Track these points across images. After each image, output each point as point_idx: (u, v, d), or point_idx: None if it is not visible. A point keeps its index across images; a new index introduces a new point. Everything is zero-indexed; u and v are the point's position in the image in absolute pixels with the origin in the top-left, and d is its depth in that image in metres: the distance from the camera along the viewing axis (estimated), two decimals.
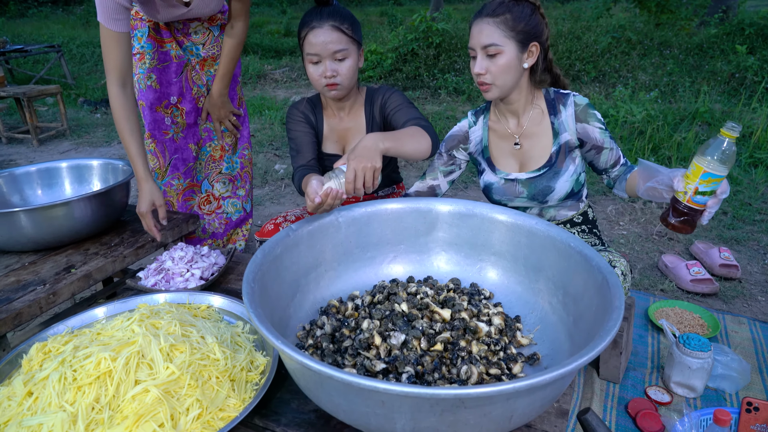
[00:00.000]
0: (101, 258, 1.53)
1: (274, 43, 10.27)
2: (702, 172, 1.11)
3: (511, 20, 1.43)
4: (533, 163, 1.60)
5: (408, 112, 1.62)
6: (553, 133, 1.57)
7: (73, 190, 1.85)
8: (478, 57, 1.47)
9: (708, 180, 1.10)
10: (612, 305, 0.99)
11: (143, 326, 1.11)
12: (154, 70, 1.86)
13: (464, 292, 1.35)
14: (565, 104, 1.56)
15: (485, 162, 1.68)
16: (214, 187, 2.10)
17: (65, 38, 10.56)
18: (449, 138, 1.72)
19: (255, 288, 1.05)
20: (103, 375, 0.99)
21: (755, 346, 1.73)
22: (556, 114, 1.57)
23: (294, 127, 1.73)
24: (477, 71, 1.48)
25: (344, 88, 1.60)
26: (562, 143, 1.56)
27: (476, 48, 1.47)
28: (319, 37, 1.52)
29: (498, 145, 1.66)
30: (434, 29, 7.20)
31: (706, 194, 1.13)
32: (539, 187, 1.58)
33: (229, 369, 1.08)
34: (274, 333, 0.89)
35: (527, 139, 1.60)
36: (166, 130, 1.94)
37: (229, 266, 1.63)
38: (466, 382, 1.05)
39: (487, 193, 1.69)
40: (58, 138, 5.32)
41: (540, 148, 1.59)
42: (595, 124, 1.53)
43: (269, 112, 5.75)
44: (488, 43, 1.44)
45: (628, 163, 1.56)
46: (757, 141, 3.97)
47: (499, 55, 1.45)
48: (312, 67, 1.57)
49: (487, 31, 1.44)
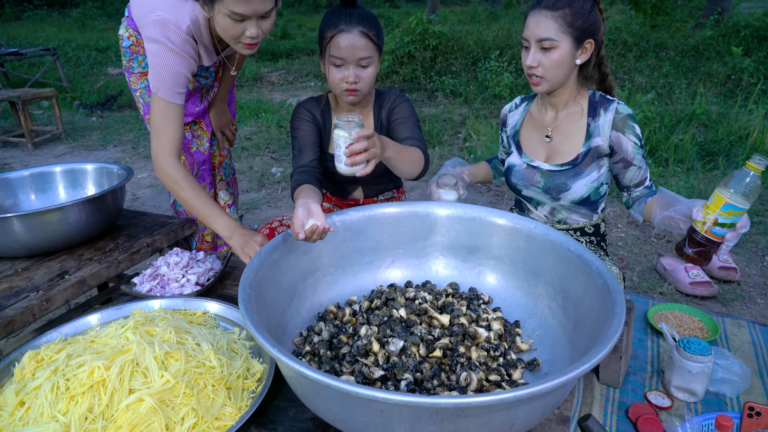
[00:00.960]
0: (95, 264, 1.51)
1: (270, 46, 10.26)
2: (723, 203, 1.09)
3: (570, 15, 1.41)
4: (559, 157, 1.60)
5: (411, 130, 1.62)
6: (586, 135, 1.56)
7: (67, 195, 1.83)
8: (532, 49, 1.46)
9: (729, 212, 1.08)
10: (613, 311, 0.97)
11: (138, 333, 1.10)
12: None
13: (463, 296, 1.34)
14: (606, 109, 1.54)
15: (514, 144, 1.70)
16: (218, 196, 2.09)
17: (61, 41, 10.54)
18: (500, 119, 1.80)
19: (251, 294, 1.04)
20: (96, 384, 0.97)
21: (755, 350, 1.72)
22: (594, 116, 1.55)
23: (299, 125, 1.68)
24: (529, 63, 1.47)
25: (363, 95, 1.58)
26: (592, 147, 1.54)
27: (530, 40, 1.46)
28: (347, 41, 1.47)
29: (530, 132, 1.67)
30: (431, 31, 7.20)
31: (725, 226, 1.11)
32: (556, 182, 1.58)
33: (225, 377, 1.06)
34: (271, 341, 0.87)
35: (559, 134, 1.61)
36: (189, 143, 1.93)
37: (225, 271, 1.61)
38: (466, 389, 1.03)
39: (508, 175, 1.71)
40: (53, 141, 5.29)
41: (569, 146, 1.58)
42: (630, 137, 1.50)
43: (266, 115, 5.74)
44: (544, 36, 1.42)
45: (652, 186, 1.55)
46: (753, 143, 3.98)
47: (554, 50, 1.43)
48: (334, 69, 1.52)
49: (545, 25, 1.42)
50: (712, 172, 3.71)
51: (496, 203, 3.53)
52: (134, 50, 1.80)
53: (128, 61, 1.83)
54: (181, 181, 1.49)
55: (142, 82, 1.85)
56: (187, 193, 1.49)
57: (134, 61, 1.82)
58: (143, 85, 1.86)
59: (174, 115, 1.51)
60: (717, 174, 3.65)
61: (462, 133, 5.03)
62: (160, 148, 1.51)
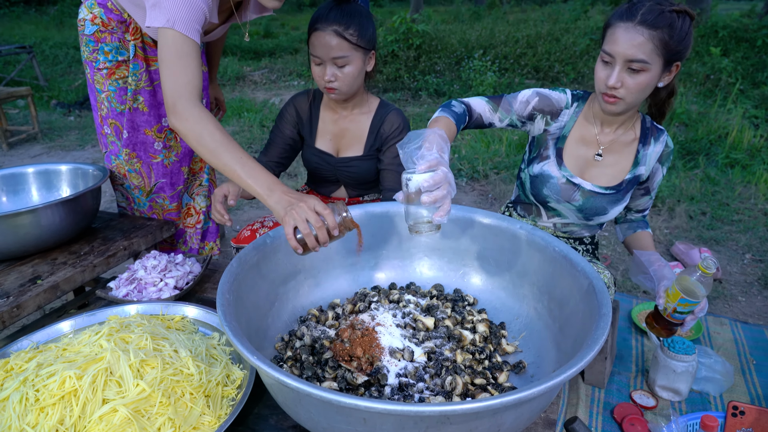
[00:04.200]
0: (70, 268, 1.46)
1: (253, 45, 10.16)
2: (679, 297, 1.24)
3: (668, 36, 1.23)
4: (604, 179, 1.48)
5: (396, 182, 1.63)
6: (634, 162, 1.47)
7: (40, 197, 1.77)
8: (617, 67, 1.27)
9: (685, 304, 1.24)
10: (599, 312, 0.96)
11: (112, 341, 1.06)
12: (142, 91, 1.69)
13: (448, 298, 1.32)
14: (656, 139, 1.45)
15: (554, 151, 1.51)
16: (195, 200, 1.99)
17: (38, 39, 10.30)
18: (544, 97, 1.48)
19: (230, 299, 1.01)
20: (68, 394, 0.93)
21: (737, 348, 1.73)
22: (645, 144, 1.46)
23: (280, 124, 1.76)
24: (612, 84, 1.28)
25: (343, 93, 1.58)
26: (637, 174, 1.47)
27: (617, 57, 1.27)
28: (320, 40, 1.49)
29: (577, 144, 1.50)
30: (414, 31, 7.19)
31: (684, 313, 1.27)
32: (596, 204, 1.48)
33: (204, 384, 1.03)
34: (250, 348, 0.84)
35: (609, 155, 1.48)
36: (155, 154, 1.78)
37: (205, 274, 1.57)
38: (451, 394, 1.01)
39: (539, 184, 1.53)
40: (29, 142, 5.16)
41: (617, 169, 1.48)
42: (663, 170, 1.49)
43: (248, 114, 5.67)
44: (637, 57, 1.24)
45: (646, 216, 1.60)
46: (732, 141, 4.04)
47: (643, 73, 1.26)
48: (315, 66, 1.57)
49: (639, 44, 1.23)
50: (692, 171, 3.75)
51: (480, 203, 3.52)
52: (99, 38, 1.60)
53: (91, 52, 1.62)
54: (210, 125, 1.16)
55: (110, 81, 1.66)
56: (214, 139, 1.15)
57: (99, 52, 1.62)
58: (113, 87, 1.67)
59: (195, 52, 1.25)
60: (697, 173, 3.69)
61: None
62: (179, 89, 1.20)
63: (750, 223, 2.91)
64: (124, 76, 1.67)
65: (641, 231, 1.56)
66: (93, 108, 1.76)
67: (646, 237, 1.56)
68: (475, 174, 3.92)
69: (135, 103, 1.69)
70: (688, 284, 1.23)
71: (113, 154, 1.79)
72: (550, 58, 6.86)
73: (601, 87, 1.33)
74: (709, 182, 3.50)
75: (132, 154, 1.76)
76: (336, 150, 1.74)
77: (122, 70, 1.67)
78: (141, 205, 1.84)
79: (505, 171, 3.92)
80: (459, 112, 1.38)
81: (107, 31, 1.61)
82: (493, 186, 3.71)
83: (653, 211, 3.19)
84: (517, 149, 4.33)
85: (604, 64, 1.32)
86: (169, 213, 1.89)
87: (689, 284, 1.23)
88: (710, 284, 1.23)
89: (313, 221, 1.00)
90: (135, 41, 1.63)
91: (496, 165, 4.02)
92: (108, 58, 1.64)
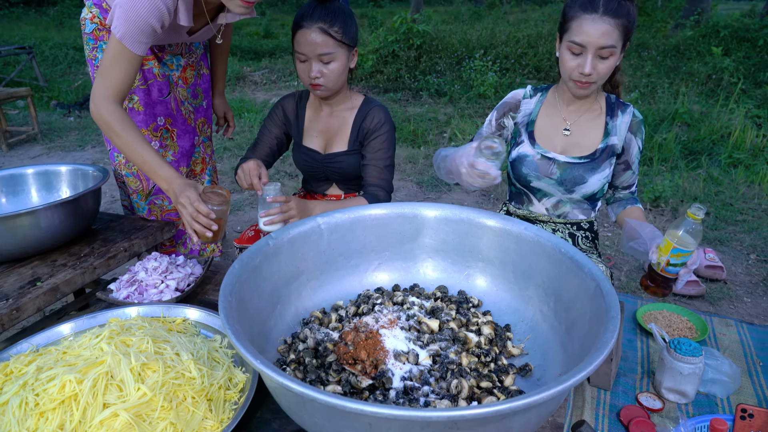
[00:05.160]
0: (69, 270, 1.44)
1: (253, 45, 10.15)
2: (672, 248, 1.25)
3: (627, 23, 1.39)
4: (576, 150, 1.60)
5: (378, 177, 1.66)
6: (604, 132, 1.59)
7: (40, 198, 1.76)
8: (590, 56, 1.41)
9: (677, 254, 1.25)
10: (607, 314, 0.95)
11: (113, 344, 1.04)
12: (136, 90, 1.70)
13: (452, 300, 1.30)
14: (623, 111, 1.59)
15: (526, 134, 1.66)
16: None
17: (37, 39, 10.29)
18: (501, 106, 1.70)
19: (232, 301, 0.99)
20: (68, 399, 0.92)
21: (744, 349, 1.72)
22: (613, 116, 1.59)
23: (268, 123, 1.80)
24: (588, 71, 1.42)
25: (328, 90, 1.60)
26: (609, 144, 1.58)
27: (589, 47, 1.40)
28: (306, 37, 1.52)
29: (545, 124, 1.64)
30: (415, 31, 7.18)
31: (677, 265, 1.27)
32: (574, 174, 1.59)
33: (206, 388, 1.01)
34: (253, 351, 0.83)
35: (577, 128, 1.61)
36: None
37: (207, 276, 1.56)
38: (457, 397, 1.00)
39: (518, 165, 1.66)
40: (29, 142, 5.15)
41: (588, 140, 1.60)
42: (638, 142, 1.58)
43: (248, 115, 5.66)
44: (607, 44, 1.39)
45: (635, 193, 1.66)
46: (735, 141, 4.02)
47: (611, 57, 1.42)
48: (299, 64, 1.59)
49: (608, 32, 1.38)
50: (695, 171, 3.73)
51: (482, 203, 3.51)
52: (98, 36, 1.62)
53: (91, 50, 1.65)
54: (115, 126, 1.36)
55: None
56: (121, 140, 1.37)
57: (99, 50, 1.64)
58: None
59: (128, 61, 1.36)
60: (700, 173, 3.68)
61: (447, 132, 5.01)
62: (101, 89, 1.37)
63: (754, 224, 2.90)
64: None
65: (631, 206, 1.62)
66: None
67: (636, 211, 1.61)
68: None
69: (130, 103, 1.69)
70: (678, 234, 1.25)
71: (116, 151, 1.78)
72: (551, 58, 6.83)
73: (573, 75, 1.46)
74: (712, 182, 3.49)
75: None
76: (323, 147, 1.76)
77: None
78: (140, 209, 1.83)
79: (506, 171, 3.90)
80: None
81: (105, 29, 1.62)
82: (495, 186, 3.70)
83: (656, 211, 3.18)
84: None
85: (573, 54, 1.44)
86: (168, 214, 1.88)
87: (680, 234, 1.25)
88: (701, 232, 1.26)
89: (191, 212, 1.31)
90: None
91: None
92: None
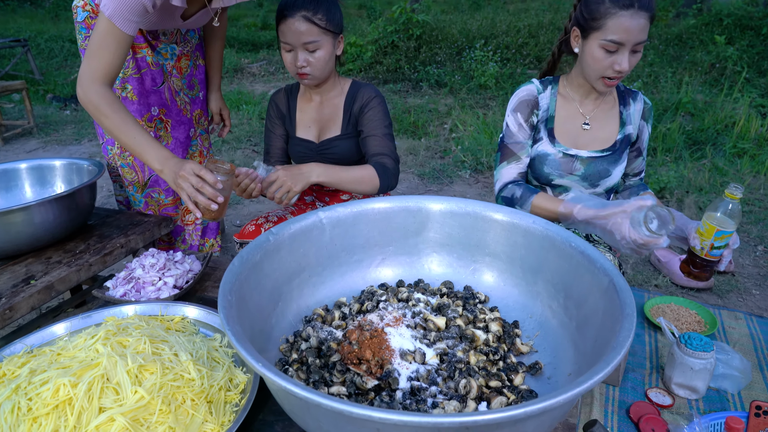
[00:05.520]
0: (65, 267, 1.41)
1: (251, 37, 10.05)
2: (715, 230, 1.26)
3: (653, 13, 1.39)
4: (597, 144, 1.59)
5: (380, 143, 1.62)
6: (620, 122, 1.59)
7: (34, 193, 1.72)
8: (626, 53, 1.39)
9: (721, 237, 1.27)
10: (622, 312, 0.91)
11: (108, 345, 1.01)
12: (129, 80, 1.67)
13: (458, 296, 1.27)
14: (634, 99, 1.59)
15: (546, 132, 1.62)
16: None
17: (33, 32, 10.18)
18: (521, 105, 1.61)
19: (232, 300, 0.96)
20: (62, 403, 0.89)
21: (754, 343, 1.68)
22: (625, 105, 1.59)
23: (268, 124, 1.79)
24: (626, 68, 1.39)
25: (316, 78, 1.59)
26: (626, 134, 1.59)
27: (627, 43, 1.37)
28: (290, 26, 1.50)
29: (564, 120, 1.61)
30: (414, 21, 7.10)
31: (720, 248, 1.29)
32: (598, 168, 1.57)
33: (206, 389, 0.98)
34: (254, 354, 0.79)
35: (595, 122, 1.59)
36: None
37: (206, 272, 1.52)
38: (466, 397, 0.96)
39: (538, 164, 1.63)
40: (24, 136, 5.10)
41: (606, 132, 1.59)
42: (649, 128, 1.59)
43: (247, 107, 5.60)
44: (643, 39, 1.37)
45: (643, 179, 1.66)
46: (740, 131, 3.98)
47: (640, 51, 1.41)
48: (285, 54, 1.57)
49: (644, 26, 1.36)
50: (700, 161, 3.69)
51: (485, 196, 3.47)
52: (90, 24, 1.58)
53: (83, 39, 1.61)
54: (104, 108, 1.30)
55: None
56: (111, 121, 1.31)
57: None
58: None
59: (117, 41, 1.31)
60: (705, 163, 3.63)
61: (448, 123, 4.96)
62: (89, 70, 1.31)
63: (761, 214, 2.86)
64: None
65: (644, 192, 1.62)
66: None
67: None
68: (479, 166, 3.86)
69: (124, 92, 1.65)
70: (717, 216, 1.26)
71: (110, 143, 1.74)
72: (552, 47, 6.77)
73: (607, 72, 1.42)
74: (717, 173, 3.45)
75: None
76: (317, 137, 1.74)
77: None
78: (137, 202, 1.79)
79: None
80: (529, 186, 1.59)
81: (97, 18, 1.57)
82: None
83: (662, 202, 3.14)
84: None
85: (607, 52, 1.40)
86: (165, 208, 1.84)
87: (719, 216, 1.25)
88: (740, 212, 1.27)
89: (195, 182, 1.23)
90: None
91: None
92: None
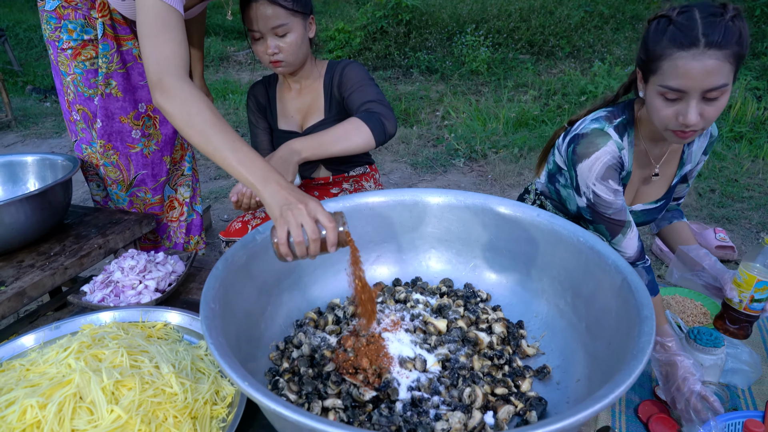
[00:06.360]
0: (38, 271, 1.31)
1: (236, 24, 9.84)
2: (756, 281, 1.17)
3: (738, 49, 1.05)
4: (653, 194, 1.39)
5: (363, 94, 1.50)
6: (679, 163, 1.35)
7: (4, 192, 1.62)
8: (693, 102, 1.07)
9: (763, 288, 1.17)
10: (639, 314, 0.84)
11: (82, 359, 0.92)
12: (114, 75, 1.53)
13: (458, 294, 1.20)
14: (703, 134, 1.32)
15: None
16: (177, 191, 1.84)
17: (11, 22, 9.88)
18: (609, 171, 1.25)
19: (216, 309, 0.88)
20: (29, 427, 0.81)
21: (762, 335, 1.63)
22: (690, 143, 1.33)
23: (251, 119, 1.72)
24: (693, 121, 1.07)
25: (290, 64, 1.49)
26: (683, 174, 1.37)
27: (691, 91, 1.06)
28: (255, 12, 1.40)
29: (637, 176, 1.36)
30: (403, 5, 6.95)
31: (761, 301, 1.19)
32: (647, 219, 1.41)
33: (190, 404, 0.90)
34: (241, 372, 0.71)
35: (662, 167, 1.35)
36: (133, 143, 1.63)
37: (190, 273, 1.43)
38: (470, 408, 0.90)
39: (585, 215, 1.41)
40: (2, 130, 4.93)
41: (665, 177, 1.37)
42: (706, 158, 1.39)
43: (233, 96, 5.47)
44: (717, 85, 1.04)
45: (680, 205, 1.51)
46: (736, 115, 3.92)
47: (722, 97, 1.08)
48: (254, 43, 1.47)
49: (716, 69, 1.03)
50: None
51: (479, 185, 3.39)
52: (62, 14, 1.45)
53: (53, 30, 1.48)
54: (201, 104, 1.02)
55: (76, 63, 1.50)
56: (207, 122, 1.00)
57: (63, 30, 1.47)
58: (79, 69, 1.51)
59: (178, 23, 1.10)
60: None
61: (440, 110, 4.87)
62: (165, 63, 1.06)
63: (761, 200, 2.81)
64: (92, 57, 1.51)
65: (677, 222, 1.46)
66: (59, 93, 1.60)
67: (684, 228, 1.46)
68: (473, 154, 3.78)
69: (108, 89, 1.53)
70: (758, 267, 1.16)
71: (84, 142, 1.63)
72: (544, 31, 6.66)
73: (670, 124, 1.13)
74: (715, 158, 3.39)
75: (108, 145, 1.60)
76: (300, 126, 1.65)
77: (89, 50, 1.51)
78: (120, 201, 1.69)
79: (504, 150, 3.78)
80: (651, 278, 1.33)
81: (70, 6, 1.46)
82: (492, 166, 3.58)
83: None
84: (514, 127, 4.19)
85: (668, 101, 1.10)
86: (152, 207, 1.74)
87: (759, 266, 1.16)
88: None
89: (310, 231, 0.89)
90: (103, 18, 1.46)
91: (494, 144, 3.88)
92: (72, 37, 1.48)
